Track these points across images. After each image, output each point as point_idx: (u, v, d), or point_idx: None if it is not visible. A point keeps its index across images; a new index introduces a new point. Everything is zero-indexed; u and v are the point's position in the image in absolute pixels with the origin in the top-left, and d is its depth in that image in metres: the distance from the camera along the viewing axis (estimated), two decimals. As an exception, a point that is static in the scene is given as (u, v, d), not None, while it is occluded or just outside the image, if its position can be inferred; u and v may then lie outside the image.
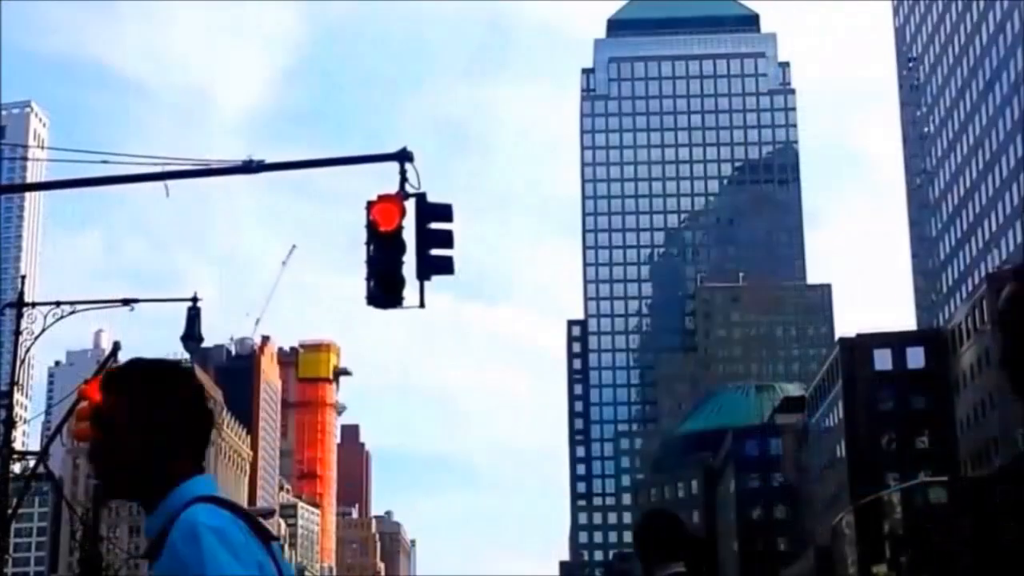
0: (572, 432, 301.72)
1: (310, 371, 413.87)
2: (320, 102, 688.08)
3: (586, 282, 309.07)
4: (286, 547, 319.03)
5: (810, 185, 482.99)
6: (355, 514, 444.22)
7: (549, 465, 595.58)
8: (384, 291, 19.73)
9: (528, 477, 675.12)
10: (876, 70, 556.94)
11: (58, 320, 25.67)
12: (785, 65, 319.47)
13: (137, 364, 4.18)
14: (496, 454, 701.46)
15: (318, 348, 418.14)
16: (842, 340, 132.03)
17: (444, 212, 20.21)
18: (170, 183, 20.64)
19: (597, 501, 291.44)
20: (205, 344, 31.31)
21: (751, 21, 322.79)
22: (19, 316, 26.36)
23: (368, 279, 19.73)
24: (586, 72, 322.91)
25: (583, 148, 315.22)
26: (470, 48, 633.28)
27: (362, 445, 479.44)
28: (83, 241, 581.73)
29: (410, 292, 19.79)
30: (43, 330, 25.88)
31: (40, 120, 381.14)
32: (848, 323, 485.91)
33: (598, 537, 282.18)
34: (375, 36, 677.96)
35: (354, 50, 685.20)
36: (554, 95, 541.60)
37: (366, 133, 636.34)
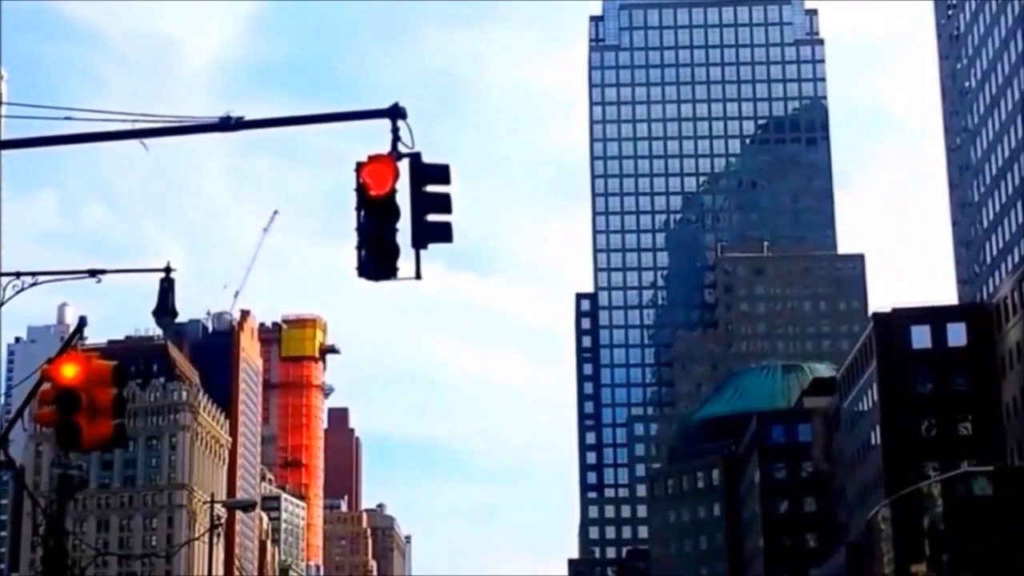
0: (581, 417, 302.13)
1: (294, 349, 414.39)
2: (295, 53, 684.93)
3: (596, 251, 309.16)
4: (268, 543, 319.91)
5: (840, 144, 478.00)
6: (344, 507, 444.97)
7: (557, 453, 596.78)
8: (376, 261, 19.71)
9: (534, 466, 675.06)
10: (912, 18, 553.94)
11: (18, 292, 25.61)
12: (812, 13, 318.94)
13: None
14: (499, 441, 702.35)
15: (303, 324, 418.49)
16: (876, 316, 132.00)
17: (441, 173, 20.13)
18: (135, 141, 20.59)
19: (609, 493, 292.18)
20: (179, 319, 31.27)
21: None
22: (-24, 289, 26.24)
23: (359, 248, 19.71)
24: (595, 20, 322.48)
25: (592, 104, 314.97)
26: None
27: (351, 431, 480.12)
28: (37, 205, 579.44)
29: (404, 262, 19.78)
30: (2, 303, 25.84)
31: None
32: (883, 297, 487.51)
33: (610, 532, 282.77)
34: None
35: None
36: (559, 45, 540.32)
37: (347, 87, 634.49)
